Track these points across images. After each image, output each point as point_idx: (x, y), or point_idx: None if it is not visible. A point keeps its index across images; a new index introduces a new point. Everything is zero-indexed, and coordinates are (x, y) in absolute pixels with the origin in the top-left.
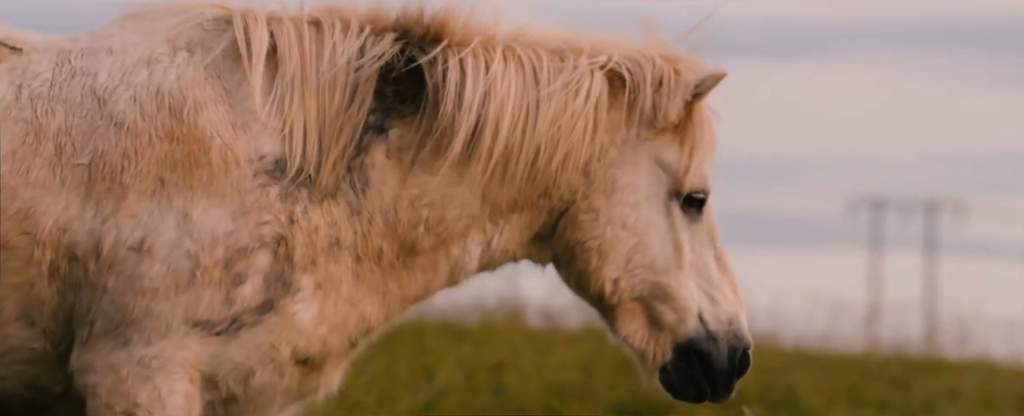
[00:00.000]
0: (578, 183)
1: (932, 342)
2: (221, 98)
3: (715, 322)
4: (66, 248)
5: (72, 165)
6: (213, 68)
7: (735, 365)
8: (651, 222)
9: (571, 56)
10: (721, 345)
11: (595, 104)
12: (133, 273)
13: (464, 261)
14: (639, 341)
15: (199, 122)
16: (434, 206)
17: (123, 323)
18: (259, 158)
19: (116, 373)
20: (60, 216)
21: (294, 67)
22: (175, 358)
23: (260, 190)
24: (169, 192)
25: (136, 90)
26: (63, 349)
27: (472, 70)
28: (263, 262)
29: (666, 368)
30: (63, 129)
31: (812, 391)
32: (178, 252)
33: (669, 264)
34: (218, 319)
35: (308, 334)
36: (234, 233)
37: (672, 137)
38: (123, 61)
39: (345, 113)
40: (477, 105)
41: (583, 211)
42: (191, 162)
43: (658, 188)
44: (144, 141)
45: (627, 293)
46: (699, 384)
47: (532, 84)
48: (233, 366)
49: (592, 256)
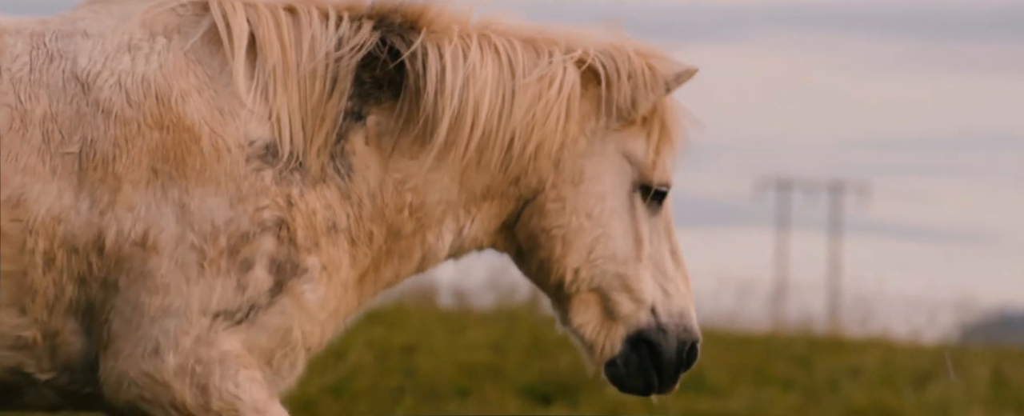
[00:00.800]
0: (548, 172)
1: (835, 320)
2: (205, 84)
3: (666, 315)
4: (62, 239)
5: (61, 154)
6: (193, 54)
7: (683, 358)
8: (615, 213)
9: (545, 47)
10: (670, 337)
11: (569, 95)
12: (143, 270)
13: (437, 248)
14: (590, 332)
15: (187, 110)
16: (417, 191)
17: (142, 322)
18: (249, 143)
19: (167, 388)
20: (53, 205)
21: (275, 56)
22: (213, 356)
23: (255, 175)
24: (163, 183)
25: (120, 76)
26: (58, 340)
27: (451, 57)
28: (268, 246)
29: (615, 361)
30: (49, 115)
31: (718, 369)
32: (183, 246)
33: (629, 255)
34: (235, 307)
35: (315, 319)
36: (234, 220)
37: (639, 130)
38: (103, 46)
39: (327, 102)
40: (458, 91)
41: (551, 200)
42: (183, 151)
43: (623, 180)
44: (133, 130)
45: (586, 283)
46: (647, 375)
47: (508, 73)
48: (261, 351)
49: (557, 244)
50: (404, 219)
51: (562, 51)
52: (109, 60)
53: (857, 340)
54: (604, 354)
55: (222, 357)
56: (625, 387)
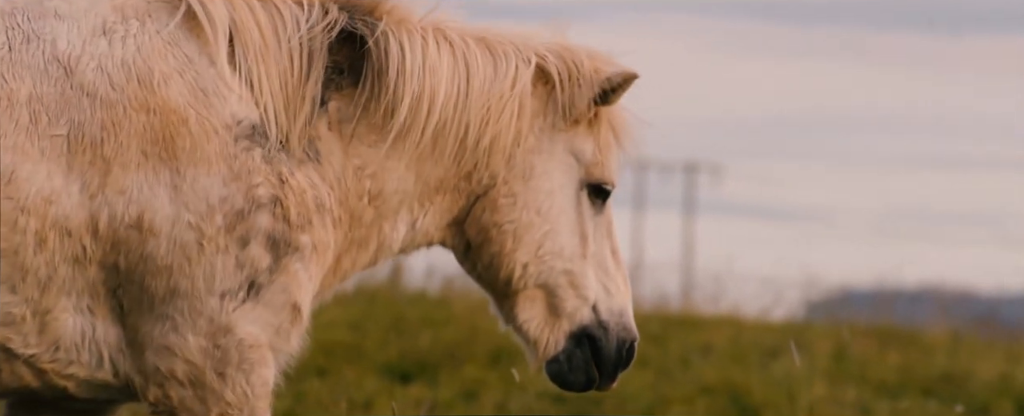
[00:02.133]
0: (499, 167)
1: (688, 299)
2: (185, 67)
3: (607, 312)
4: (53, 220)
5: (49, 135)
6: (169, 37)
7: (622, 356)
8: (563, 210)
9: (497, 46)
10: (611, 335)
11: (521, 91)
12: (142, 253)
13: (392, 239)
14: (535, 328)
15: (171, 93)
16: (375, 178)
17: (154, 303)
18: (236, 123)
19: (192, 365)
20: (43, 186)
21: (254, 40)
22: (231, 343)
23: (245, 154)
24: (154, 165)
25: (100, 60)
26: (49, 318)
27: (410, 43)
28: (264, 222)
29: (557, 358)
30: (34, 96)
31: None
32: (180, 226)
33: (575, 252)
34: (236, 285)
35: (307, 296)
36: (229, 198)
37: (586, 130)
38: (79, 28)
39: (306, 83)
40: (417, 75)
41: (503, 195)
42: (172, 133)
43: (571, 178)
44: (120, 113)
45: (533, 279)
46: (589, 371)
47: (462, 66)
48: (274, 328)
49: (507, 239)
50: (364, 206)
51: (513, 50)
52: (87, 43)
53: (709, 318)
54: (548, 351)
55: (239, 345)
56: (566, 383)
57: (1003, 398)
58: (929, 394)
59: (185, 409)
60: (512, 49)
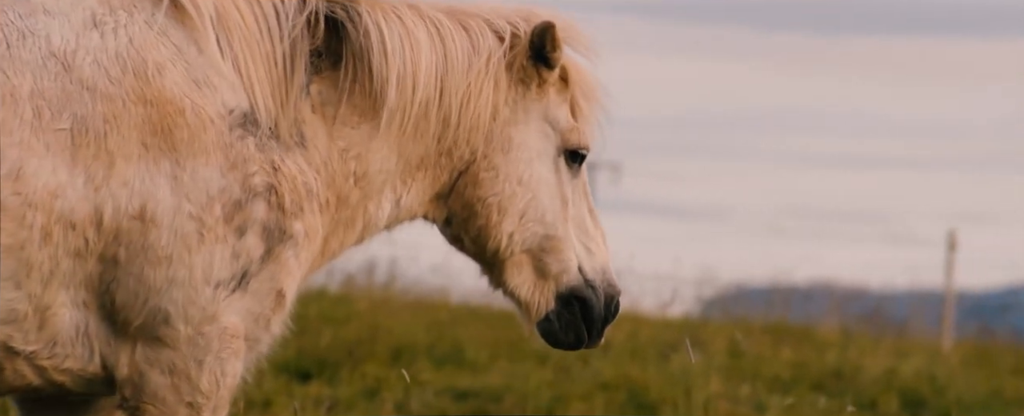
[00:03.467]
0: (479, 142)
1: None
2: (177, 56)
3: (592, 271)
4: (59, 214)
5: (53, 130)
6: (158, 26)
7: (610, 311)
8: (542, 178)
9: (467, 20)
10: (599, 292)
11: (496, 64)
12: (143, 244)
13: (377, 217)
14: (526, 292)
15: (165, 83)
16: (360, 159)
17: (149, 295)
18: (229, 112)
19: (177, 352)
20: (49, 180)
21: (239, 28)
22: (214, 332)
23: (240, 142)
24: (154, 156)
25: (95, 54)
26: (48, 314)
27: (387, 25)
28: (260, 212)
29: (548, 317)
30: (36, 91)
31: (477, 345)
32: (181, 216)
33: (557, 217)
34: (230, 275)
35: (296, 282)
36: (227, 188)
37: (560, 98)
38: (70, 22)
39: (291, 69)
40: (399, 56)
41: (484, 169)
42: (169, 124)
43: (548, 145)
44: (119, 106)
45: (519, 246)
46: (578, 330)
47: (440, 44)
48: (255, 317)
49: (493, 212)
50: (350, 188)
51: (485, 23)
52: (80, 37)
53: None
54: (539, 312)
55: (221, 333)
56: (558, 342)
57: (889, 392)
58: (820, 389)
59: (156, 399)
60: (483, 22)
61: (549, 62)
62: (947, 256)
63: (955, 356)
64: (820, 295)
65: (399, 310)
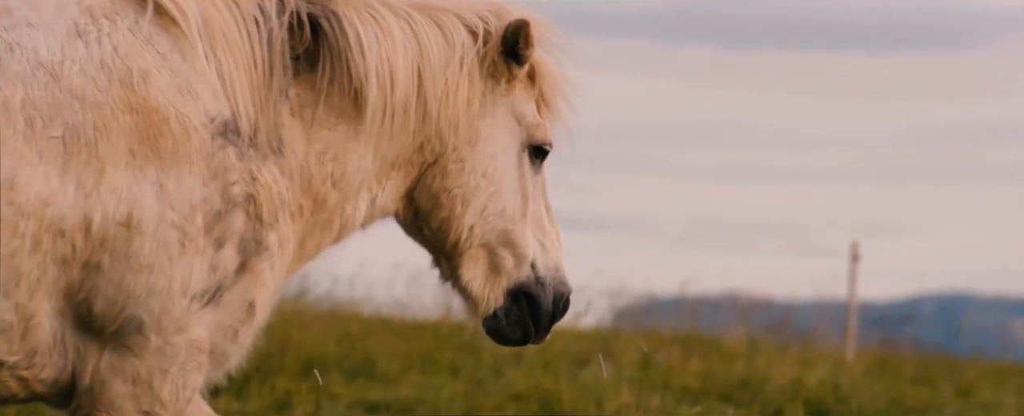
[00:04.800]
0: (449, 135)
1: None
2: (161, 64)
3: (544, 268)
4: (49, 222)
5: (46, 138)
6: (141, 34)
7: (558, 309)
8: (506, 172)
9: (440, 14)
10: (548, 290)
11: (470, 60)
12: (127, 251)
13: (354, 218)
14: (478, 287)
15: (150, 91)
16: (338, 160)
17: (127, 303)
18: (210, 120)
19: (143, 363)
20: (41, 188)
21: (220, 35)
22: (181, 342)
23: (221, 152)
24: (141, 163)
25: (81, 64)
26: (31, 323)
27: (362, 24)
28: (238, 223)
29: (496, 314)
30: (27, 101)
31: (389, 357)
32: (164, 225)
33: (516, 212)
34: (205, 287)
35: (270, 293)
36: (208, 198)
37: (526, 93)
38: (54, 33)
39: (271, 75)
40: (376, 56)
41: (452, 161)
42: (155, 132)
43: (513, 140)
44: (108, 113)
45: (478, 239)
46: (525, 326)
47: (414, 40)
48: (223, 329)
49: (457, 203)
50: (328, 190)
51: (456, 17)
52: (65, 47)
53: None
54: (488, 307)
55: (189, 345)
56: (504, 338)
57: (795, 402)
58: (728, 399)
59: (113, 408)
60: (455, 17)
61: (520, 58)
62: (850, 267)
63: (858, 366)
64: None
65: (310, 322)
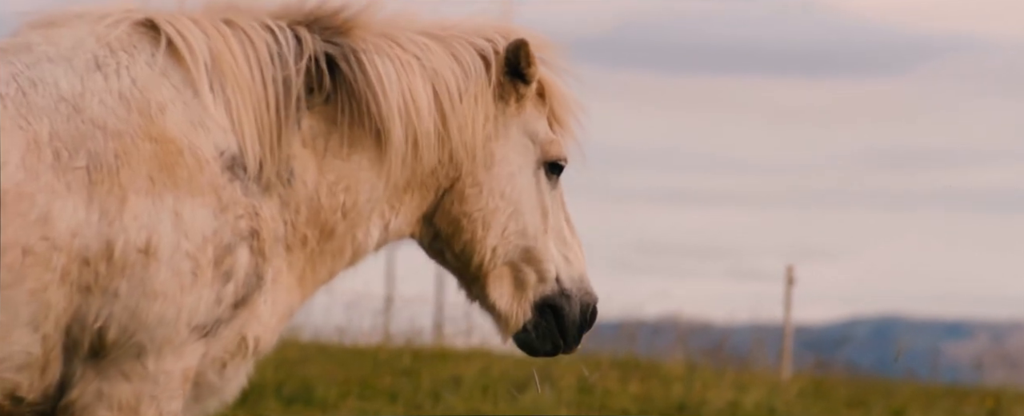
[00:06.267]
0: (463, 159)
1: (440, 333)
2: (176, 97)
3: (569, 280)
4: (78, 252)
5: (72, 169)
6: (158, 68)
7: (586, 319)
8: (524, 190)
9: (452, 42)
10: (574, 301)
11: (483, 86)
12: (143, 276)
13: (366, 244)
14: (505, 304)
15: (167, 123)
16: (350, 191)
17: (138, 329)
18: (220, 154)
19: (131, 387)
20: (71, 220)
21: (231, 71)
22: (171, 369)
23: (230, 185)
24: (160, 191)
25: (101, 95)
26: (52, 355)
27: (381, 59)
28: (244, 258)
29: (526, 328)
30: (54, 134)
31: (327, 383)
32: (179, 254)
33: (537, 229)
34: (208, 320)
35: (266, 325)
36: (219, 231)
37: (537, 112)
38: (73, 67)
39: (284, 110)
40: (397, 91)
41: (469, 185)
42: (173, 161)
43: (528, 158)
44: (128, 142)
45: (501, 258)
46: (554, 338)
47: (433, 72)
48: (212, 360)
49: (478, 227)
50: (337, 220)
51: (469, 43)
52: (85, 80)
53: (460, 351)
54: (517, 322)
55: (181, 374)
56: (534, 351)
57: None
58: None
59: None
60: (468, 44)
61: (525, 77)
62: (785, 291)
63: (793, 388)
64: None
65: None
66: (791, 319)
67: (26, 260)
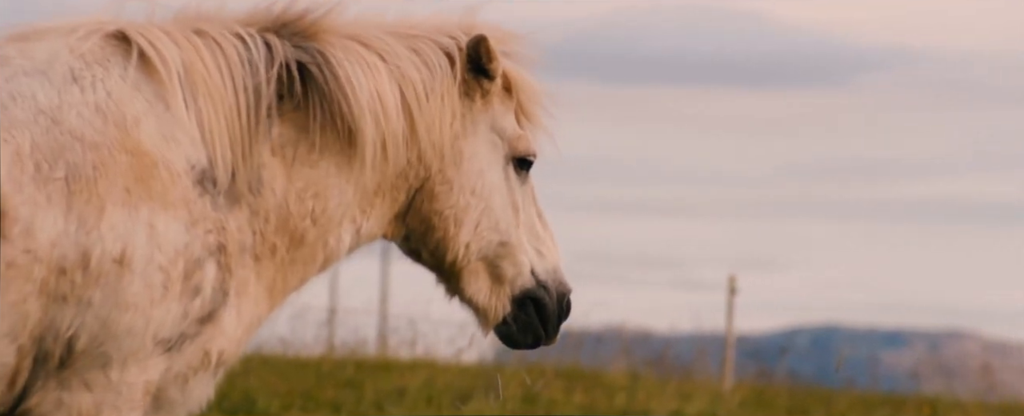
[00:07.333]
0: (434, 159)
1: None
2: (149, 110)
3: (544, 273)
4: (56, 262)
5: (52, 180)
6: (131, 81)
7: (563, 309)
8: (494, 186)
9: (418, 41)
10: (551, 292)
11: (449, 85)
12: (116, 287)
13: (338, 250)
14: (483, 298)
15: (142, 136)
16: (319, 197)
17: (107, 339)
18: (191, 168)
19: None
20: (51, 231)
21: (203, 82)
22: (133, 382)
23: (200, 200)
24: (136, 203)
25: (78, 108)
26: (23, 365)
27: (349, 62)
28: (212, 272)
29: (506, 320)
30: (35, 146)
31: (270, 395)
32: (152, 266)
33: (509, 224)
34: (173, 334)
35: (231, 338)
36: (190, 245)
37: (504, 107)
38: (50, 80)
39: (255, 124)
40: (366, 93)
41: (439, 183)
42: (148, 174)
43: (497, 154)
44: (105, 153)
45: (475, 254)
46: (535, 330)
47: (399, 73)
48: (174, 375)
49: (450, 224)
50: (307, 227)
51: (434, 43)
52: (62, 93)
53: (404, 362)
54: (496, 316)
55: (143, 386)
56: (515, 343)
57: None
58: None
59: None
60: (432, 42)
61: (488, 73)
62: (728, 300)
63: (735, 397)
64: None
65: None
66: (733, 329)
67: (8, 273)
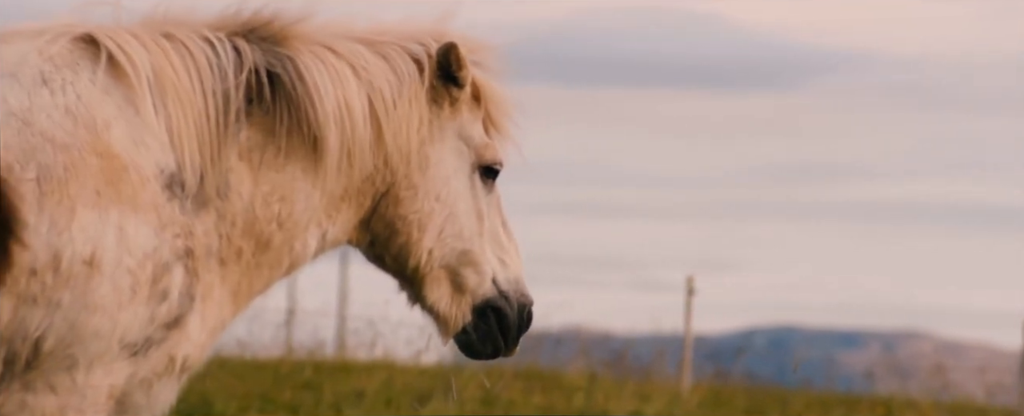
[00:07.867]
0: (400, 165)
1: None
2: (119, 114)
3: (506, 282)
4: (28, 263)
5: (25, 180)
6: (100, 84)
7: (523, 320)
8: (459, 194)
9: (385, 48)
10: (512, 303)
11: (417, 92)
12: (85, 288)
13: (304, 255)
14: (444, 306)
15: (112, 139)
16: (285, 201)
17: (74, 342)
18: (161, 172)
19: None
20: (22, 233)
21: (172, 86)
22: (98, 385)
23: (169, 204)
24: (106, 205)
25: (48, 110)
26: None
27: (316, 67)
28: (179, 277)
29: (466, 329)
30: (7, 148)
31: (227, 397)
32: (120, 269)
33: (473, 232)
34: (139, 339)
35: (195, 343)
36: (158, 249)
37: (472, 115)
38: (20, 83)
39: (223, 129)
40: (332, 98)
41: (404, 188)
42: (117, 177)
43: (463, 162)
44: (76, 155)
45: (437, 261)
46: (495, 340)
47: (367, 79)
48: (140, 380)
49: (413, 229)
50: (273, 231)
51: (403, 49)
52: (32, 96)
53: (363, 363)
54: (456, 325)
55: (107, 391)
56: (475, 353)
57: None
58: None
59: None
60: (401, 49)
61: (457, 81)
62: (686, 301)
63: (694, 398)
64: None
65: None
66: (691, 330)
67: None
